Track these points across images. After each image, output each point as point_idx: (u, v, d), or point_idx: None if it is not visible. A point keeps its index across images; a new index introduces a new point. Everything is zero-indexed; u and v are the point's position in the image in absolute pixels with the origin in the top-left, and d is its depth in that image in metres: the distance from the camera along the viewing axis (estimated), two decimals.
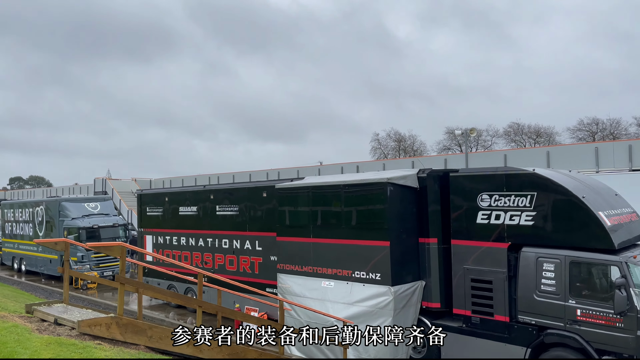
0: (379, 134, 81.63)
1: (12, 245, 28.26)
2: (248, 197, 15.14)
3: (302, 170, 34.02)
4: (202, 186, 17.28)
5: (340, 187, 11.40)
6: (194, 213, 17.04)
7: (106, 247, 7.20)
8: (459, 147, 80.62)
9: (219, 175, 36.67)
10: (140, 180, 39.67)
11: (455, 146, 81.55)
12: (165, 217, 18.20)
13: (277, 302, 11.85)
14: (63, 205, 23.67)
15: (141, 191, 19.69)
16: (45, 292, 21.20)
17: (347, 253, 11.22)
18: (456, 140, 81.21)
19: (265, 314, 14.48)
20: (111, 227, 23.65)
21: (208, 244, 16.49)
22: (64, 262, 8.58)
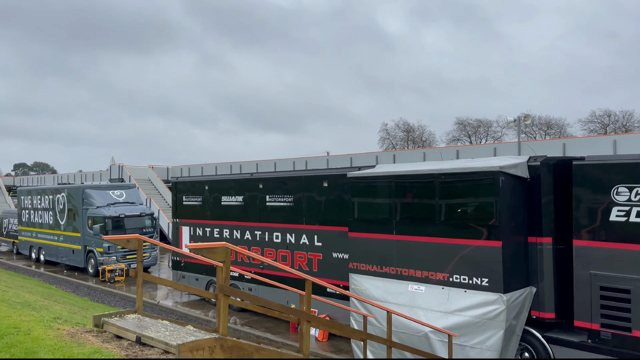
0: (387, 124, 79.95)
1: (29, 234, 26.66)
2: (305, 187, 13.53)
3: (311, 160, 32.59)
4: (250, 174, 15.65)
5: (435, 177, 9.76)
6: (240, 203, 15.44)
7: (209, 250, 5.59)
8: (468, 138, 79.11)
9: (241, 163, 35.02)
10: (157, 168, 38.00)
11: (464, 137, 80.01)
12: (205, 207, 16.60)
13: (342, 304, 10.43)
14: (87, 193, 22.04)
15: (177, 179, 18.06)
16: (72, 285, 19.66)
17: (443, 253, 9.63)
18: (466, 131, 79.70)
19: (327, 315, 12.97)
20: (138, 216, 22.06)
21: (256, 237, 14.92)
22: (137, 263, 7.01)
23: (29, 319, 6.42)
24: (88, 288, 19.10)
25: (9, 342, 5.18)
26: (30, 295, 9.93)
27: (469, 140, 77.12)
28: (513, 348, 9.31)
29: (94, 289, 18.88)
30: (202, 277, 16.64)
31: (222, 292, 5.59)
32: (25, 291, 10.77)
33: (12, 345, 5.11)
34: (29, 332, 5.63)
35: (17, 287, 11.59)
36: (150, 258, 22.26)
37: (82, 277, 21.43)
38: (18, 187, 30.17)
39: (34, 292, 11.01)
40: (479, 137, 78.12)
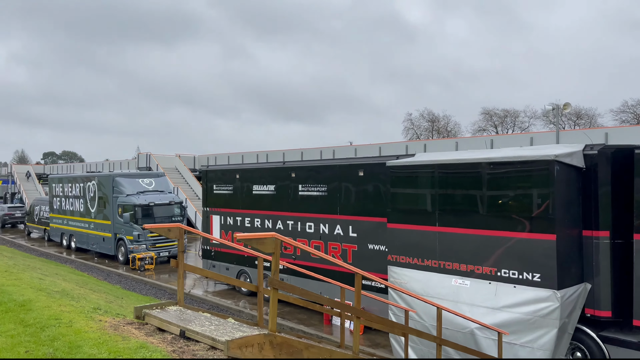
0: (411, 114, 78.91)
1: (61, 221, 26.98)
2: (340, 176, 13.13)
3: (338, 150, 32.08)
4: (282, 162, 15.33)
5: (483, 165, 9.23)
6: (271, 192, 15.14)
7: (258, 240, 5.23)
8: (494, 129, 77.47)
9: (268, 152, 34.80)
10: (184, 157, 38.09)
11: (491, 127, 78.38)
12: (236, 196, 16.36)
13: (376, 296, 10.07)
14: (117, 181, 22.08)
15: (207, 167, 17.87)
16: (103, 272, 19.76)
17: (490, 246, 9.13)
18: (492, 121, 78.02)
19: (362, 308, 12.59)
20: (167, 205, 22.01)
21: (288, 227, 14.61)
22: (178, 253, 6.74)
23: (69, 309, 6.21)
24: (119, 276, 19.16)
25: (52, 334, 4.94)
26: (66, 283, 9.83)
27: (495, 130, 75.60)
28: (564, 347, 8.80)
29: (125, 277, 18.92)
30: (232, 266, 16.45)
31: (272, 285, 5.25)
32: (60, 279, 10.70)
33: (55, 338, 4.87)
34: (70, 323, 5.40)
35: (52, 274, 11.54)
36: None
37: (112, 265, 21.55)
38: (49, 175, 30.56)
39: (68, 280, 10.94)
40: (505, 127, 76.44)
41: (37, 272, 10.49)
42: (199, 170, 37.65)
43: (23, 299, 6.40)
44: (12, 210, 37.07)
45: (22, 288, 7.31)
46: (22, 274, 9.12)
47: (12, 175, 52.83)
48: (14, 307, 5.97)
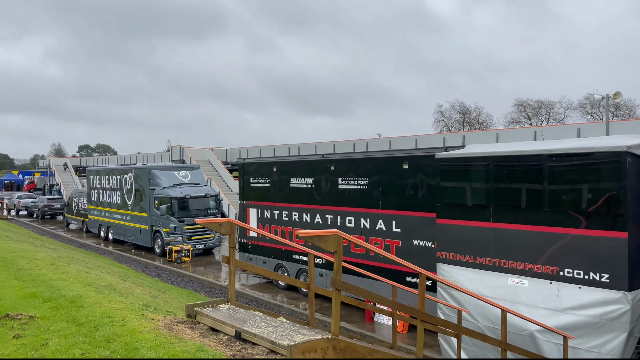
0: (442, 105, 77.56)
1: (98, 213, 27.36)
2: (382, 169, 12.67)
3: (372, 142, 31.56)
4: (320, 155, 14.95)
5: (544, 158, 8.63)
6: (309, 185, 14.80)
7: (320, 238, 4.87)
8: (528, 120, 75.31)
9: (299, 145, 34.49)
10: (216, 149, 38.18)
11: (524, 119, 76.28)
12: (273, 189, 16.10)
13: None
14: (153, 174, 22.14)
15: (243, 160, 17.64)
16: (140, 264, 19.85)
17: (552, 244, 8.54)
18: (525, 113, 75.82)
19: None
20: (203, 197, 21.96)
21: (327, 221, 14.25)
22: (229, 249, 6.45)
23: (119, 306, 5.99)
24: (156, 268, 19.21)
25: (106, 334, 4.70)
26: (110, 276, 9.72)
27: (529, 122, 73.61)
28: (629, 351, 8.18)
29: (162, 269, 18.95)
30: (269, 260, 16.23)
31: (335, 286, 4.88)
32: (104, 272, 10.62)
33: (110, 339, 4.62)
34: (124, 322, 5.16)
35: (95, 267, 11.50)
36: (215, 239, 22.20)
37: (149, 257, 21.67)
38: (87, 168, 31.04)
39: (112, 273, 10.86)
40: (539, 118, 74.34)
41: (81, 265, 10.43)
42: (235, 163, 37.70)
43: (73, 294, 6.22)
44: (51, 201, 37.94)
45: (70, 282, 7.16)
46: (67, 267, 9.04)
47: (51, 168, 54.19)
48: (65, 303, 5.78)
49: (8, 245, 10.81)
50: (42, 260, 9.14)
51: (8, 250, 10.03)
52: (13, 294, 6.14)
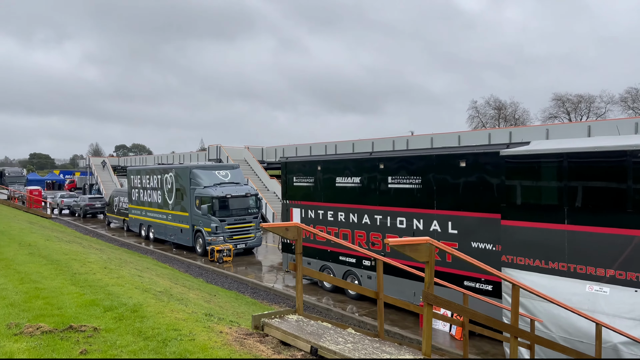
0: (476, 101, 75.87)
1: (139, 212, 27.56)
2: (437, 167, 12.03)
3: (412, 139, 30.87)
4: (368, 153, 14.39)
5: (628, 154, 7.87)
6: (357, 185, 14.27)
7: (411, 247, 4.35)
8: (567, 115, 72.70)
9: (336, 143, 33.98)
10: (252, 148, 38.08)
11: (563, 114, 73.75)
12: (318, 188, 15.65)
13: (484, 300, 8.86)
14: (194, 173, 22.05)
15: (286, 159, 17.26)
16: (183, 264, 19.77)
17: (638, 248, 7.77)
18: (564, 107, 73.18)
19: None
20: (243, 196, 21.73)
21: (376, 221, 13.69)
22: (296, 255, 6.01)
23: (182, 316, 5.62)
24: (199, 268, 19.06)
25: (177, 351, 4.30)
26: (162, 280, 9.47)
27: (568, 117, 71.19)
28: None
29: (205, 269, 18.79)
30: (314, 261, 15.80)
31: (427, 300, 4.35)
32: (154, 274, 10.39)
33: (181, 355, 4.23)
34: (192, 336, 4.77)
35: (144, 268, 11.31)
36: (255, 239, 21.94)
37: (190, 256, 21.59)
38: (127, 168, 31.37)
39: (161, 276, 10.63)
40: (579, 113, 71.81)
41: (132, 268, 10.23)
42: (274, 162, 37.55)
43: (133, 302, 5.89)
44: (92, 201, 38.66)
45: (127, 288, 6.86)
46: (120, 270, 8.81)
47: (90, 167, 55.41)
48: (127, 312, 5.44)
49: (59, 247, 10.71)
50: (95, 263, 8.95)
51: (60, 252, 9.90)
52: (73, 301, 5.86)
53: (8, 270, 7.50)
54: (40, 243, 10.90)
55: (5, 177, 54.46)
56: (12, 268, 7.70)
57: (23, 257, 8.81)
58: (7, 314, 5.25)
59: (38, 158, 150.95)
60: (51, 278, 7.16)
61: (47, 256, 9.06)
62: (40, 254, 9.30)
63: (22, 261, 8.39)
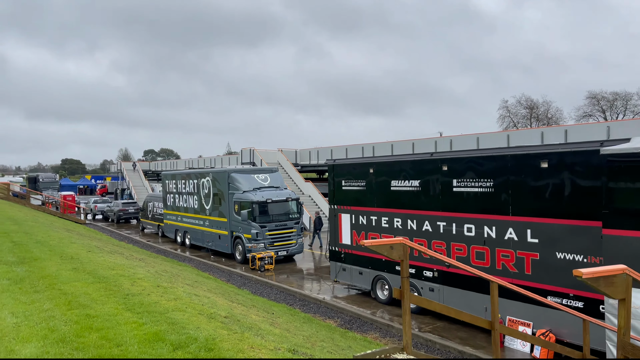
0: (507, 100, 73.92)
1: (174, 218, 26.87)
2: (513, 169, 10.73)
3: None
4: (429, 154, 13.16)
5: None
6: (415, 188, 13.06)
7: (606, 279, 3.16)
8: (602, 114, 69.93)
9: (374, 144, 32.78)
10: (286, 151, 37.17)
11: (597, 112, 71.10)
12: (370, 192, 14.48)
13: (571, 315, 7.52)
14: (233, 177, 21.14)
15: (334, 161, 16.15)
16: (224, 273, 18.86)
17: None
18: (599, 106, 70.40)
19: (549, 331, 10.19)
20: (284, 201, 20.72)
21: (439, 228, 12.45)
22: (402, 280, 4.87)
23: (266, 354, 4.54)
24: (241, 277, 18.11)
25: None
26: (218, 298, 8.45)
27: (603, 115, 68.50)
28: None
29: (248, 279, 17.82)
30: (367, 271, 14.65)
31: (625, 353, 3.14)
32: (206, 289, 9.41)
33: None
34: None
35: (193, 282, 10.35)
36: (297, 245, 20.90)
37: (229, 264, 20.69)
38: (162, 172, 30.81)
39: (214, 291, 9.63)
40: (615, 112, 69.07)
41: (183, 283, 9.26)
42: (310, 165, 36.65)
43: (204, 336, 4.85)
44: (126, 206, 38.32)
45: (189, 314, 5.84)
46: (174, 288, 7.84)
47: (122, 172, 55.48)
48: (201, 352, 4.39)
49: (103, 260, 9.84)
50: (145, 280, 8.00)
51: (106, 266, 9.00)
52: (132, 334, 4.86)
53: (53, 292, 6.58)
54: (82, 255, 10.05)
55: (39, 182, 54.89)
56: (56, 288, 6.79)
57: (67, 273, 7.92)
58: (59, 354, 4.25)
59: (69, 163, 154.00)
60: (102, 301, 6.19)
61: (93, 272, 8.16)
62: (85, 269, 8.40)
63: (66, 278, 7.49)
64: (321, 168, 38.35)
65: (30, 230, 14.40)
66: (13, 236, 12.42)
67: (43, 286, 6.85)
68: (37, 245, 10.93)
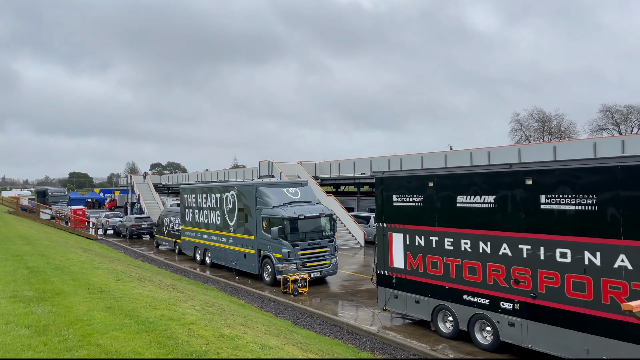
0: (519, 113, 72.64)
1: (194, 234, 25.00)
2: (626, 183, 8.91)
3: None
4: (508, 165, 11.31)
5: None
6: (489, 205, 11.21)
7: None
8: (616, 127, 68.29)
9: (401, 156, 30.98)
10: (305, 164, 35.39)
11: (612, 126, 69.59)
12: (430, 209, 12.63)
13: None
14: (261, 191, 19.31)
15: (382, 173, 14.33)
16: (254, 297, 16.92)
17: None
18: (613, 119, 68.87)
19: None
20: (317, 217, 18.86)
21: (521, 252, 10.55)
22: None
23: None
24: (275, 302, 16.16)
25: None
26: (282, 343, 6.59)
27: (617, 129, 66.92)
28: None
29: (282, 305, 15.87)
30: (425, 300, 12.71)
31: None
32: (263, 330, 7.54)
33: None
34: None
35: (245, 320, 8.47)
36: (331, 266, 18.98)
37: (257, 285, 18.77)
38: (180, 186, 29.02)
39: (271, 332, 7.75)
40: (629, 125, 67.57)
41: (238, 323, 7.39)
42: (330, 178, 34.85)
43: None
44: (138, 221, 36.47)
45: None
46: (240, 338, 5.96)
47: (132, 185, 53.75)
48: None
49: (138, 293, 8.00)
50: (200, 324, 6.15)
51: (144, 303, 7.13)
52: None
53: (90, 349, 4.73)
54: (111, 286, 8.23)
55: (48, 196, 53.25)
56: (94, 342, 4.95)
57: (101, 315, 6.09)
58: None
59: (77, 177, 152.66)
60: None
61: (133, 313, 6.32)
62: (122, 308, 6.57)
63: (102, 325, 5.66)
64: (342, 182, 36.54)
65: (45, 251, 12.58)
66: (28, 260, 10.61)
67: (75, 340, 5.01)
68: (56, 273, 9.12)
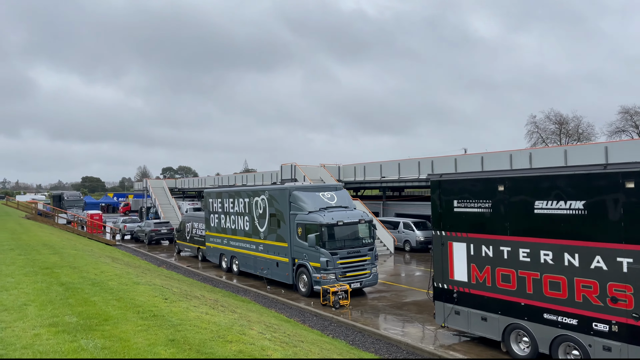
0: (535, 116, 71.14)
1: (219, 241, 23.68)
2: None
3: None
4: (601, 166, 9.86)
5: None
6: (577, 212, 9.75)
7: None
8: (635, 129, 66.52)
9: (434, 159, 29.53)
10: (329, 167, 34.04)
11: (631, 128, 67.78)
12: (500, 215, 11.19)
13: None
14: (295, 196, 17.95)
15: (440, 176, 12.92)
16: (293, 311, 15.52)
17: None
18: (632, 121, 67.09)
19: None
20: (357, 223, 17.48)
21: (620, 266, 9.08)
22: None
23: None
24: (317, 317, 14.75)
25: None
26: None
27: (637, 131, 65.09)
28: None
29: (327, 320, 14.44)
30: (495, 317, 11.24)
31: None
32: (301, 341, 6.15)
33: None
34: None
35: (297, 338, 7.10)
36: (371, 276, 17.56)
37: (291, 297, 17.39)
38: (204, 190, 27.77)
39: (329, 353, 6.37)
40: None
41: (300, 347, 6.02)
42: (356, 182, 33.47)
43: None
44: (158, 226, 35.25)
45: None
46: None
47: (148, 189, 52.69)
48: None
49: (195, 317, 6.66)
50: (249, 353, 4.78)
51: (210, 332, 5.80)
52: None
53: None
54: (162, 308, 6.92)
55: (64, 200, 52.34)
56: None
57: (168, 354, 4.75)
58: None
59: (89, 181, 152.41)
60: None
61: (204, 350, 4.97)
62: (187, 341, 5.23)
63: None
64: (366, 185, 35.15)
65: (75, 262, 11.31)
66: (59, 274, 9.34)
67: None
68: (95, 290, 7.83)
